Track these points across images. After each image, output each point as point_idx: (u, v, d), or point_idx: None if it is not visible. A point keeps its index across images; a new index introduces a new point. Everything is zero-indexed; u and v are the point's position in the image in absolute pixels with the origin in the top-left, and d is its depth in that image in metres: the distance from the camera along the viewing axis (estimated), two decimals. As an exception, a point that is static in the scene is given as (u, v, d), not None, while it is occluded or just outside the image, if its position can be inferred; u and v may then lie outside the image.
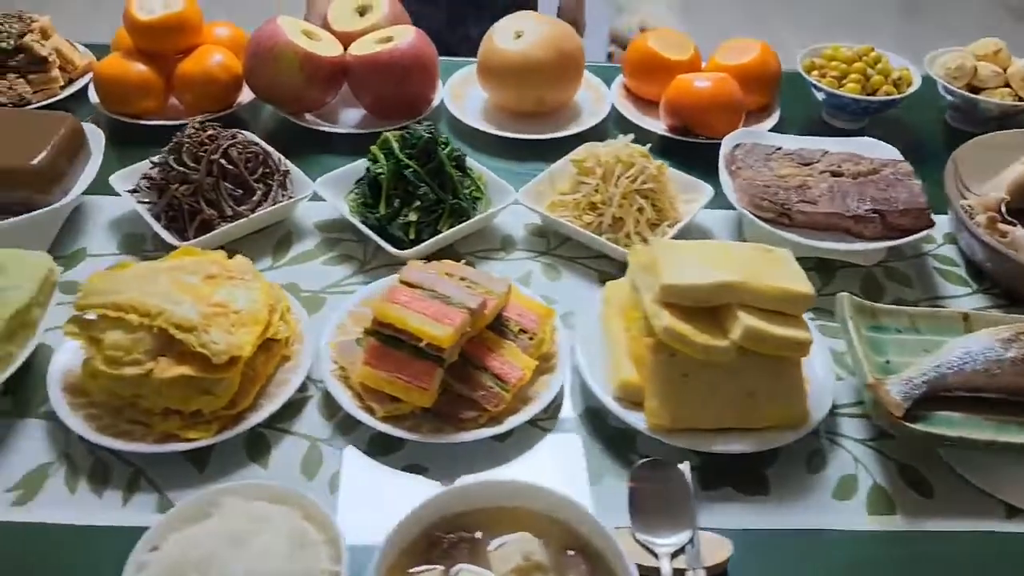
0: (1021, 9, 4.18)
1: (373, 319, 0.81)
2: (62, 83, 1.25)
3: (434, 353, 0.78)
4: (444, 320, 0.78)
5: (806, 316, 0.82)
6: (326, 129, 1.22)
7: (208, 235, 0.98)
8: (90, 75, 1.28)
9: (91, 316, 0.81)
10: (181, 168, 1.00)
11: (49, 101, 1.22)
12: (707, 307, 0.79)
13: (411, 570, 0.67)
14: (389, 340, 0.80)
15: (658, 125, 1.25)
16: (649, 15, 3.29)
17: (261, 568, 0.61)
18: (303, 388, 0.86)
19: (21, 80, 1.20)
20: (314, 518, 0.66)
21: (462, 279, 0.85)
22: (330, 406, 0.85)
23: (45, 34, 1.26)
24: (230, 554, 0.62)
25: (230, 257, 0.90)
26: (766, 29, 3.83)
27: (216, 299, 0.81)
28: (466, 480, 0.77)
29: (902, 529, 0.77)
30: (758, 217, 1.00)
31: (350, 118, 1.26)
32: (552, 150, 1.18)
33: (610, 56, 3.20)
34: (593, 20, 2.08)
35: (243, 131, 1.08)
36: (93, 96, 1.23)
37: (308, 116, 1.24)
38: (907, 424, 0.77)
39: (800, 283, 0.79)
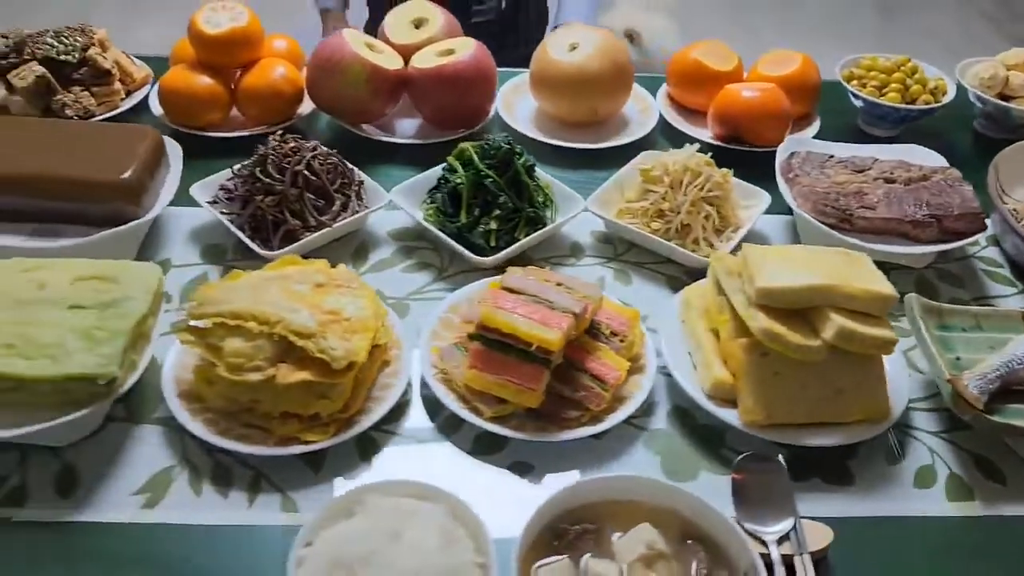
0: (994, 14, 4.31)
1: (478, 324, 0.85)
2: (123, 95, 1.27)
3: (542, 356, 0.82)
4: (552, 324, 0.82)
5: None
6: (386, 139, 1.25)
7: (293, 245, 1.01)
8: (147, 87, 1.31)
9: (203, 324, 0.84)
10: (267, 179, 1.02)
11: (112, 113, 1.24)
12: (797, 309, 0.84)
13: (540, 562, 0.71)
14: (495, 344, 0.84)
15: (704, 133, 1.30)
16: (638, 18, 3.33)
17: (418, 562, 0.65)
18: (404, 391, 0.89)
19: (86, 93, 1.22)
20: (457, 512, 0.70)
21: (559, 284, 0.89)
22: (432, 408, 0.89)
23: (103, 46, 1.28)
24: (388, 549, 0.66)
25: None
26: (751, 32, 3.91)
27: (327, 307, 0.85)
28: (585, 477, 0.81)
29: (981, 514, 0.83)
30: (821, 222, 1.05)
31: (406, 128, 1.30)
32: (603, 158, 1.24)
33: None
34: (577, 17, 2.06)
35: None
36: (155, 108, 1.25)
37: (365, 127, 1.27)
38: (987, 416, 0.82)
39: (884, 285, 0.85)
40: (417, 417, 0.89)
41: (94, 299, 0.83)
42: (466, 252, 1.02)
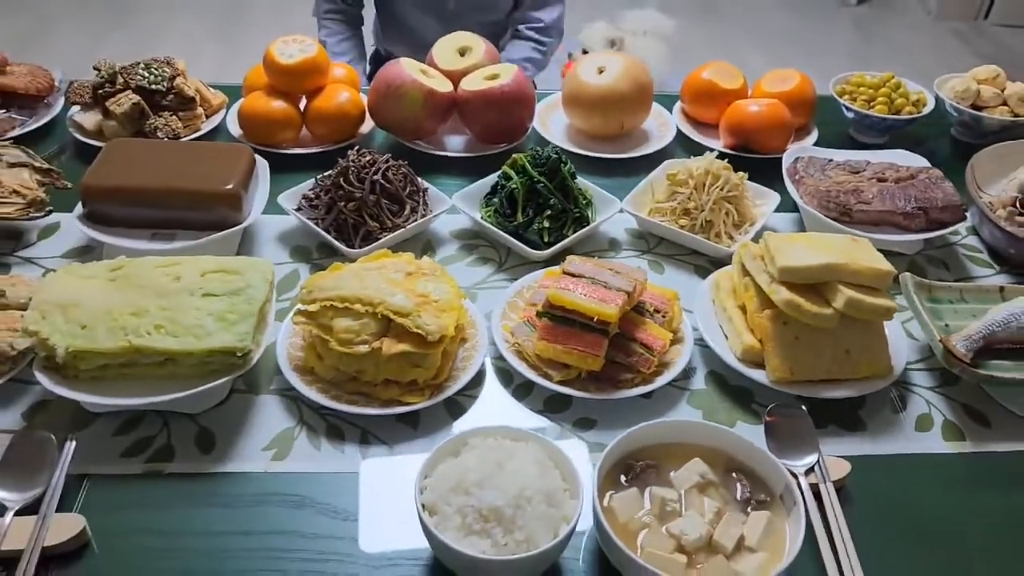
0: (964, 30, 4.51)
1: (546, 303, 1.00)
2: (203, 119, 1.43)
3: (602, 327, 0.97)
4: (609, 301, 0.98)
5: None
6: (438, 153, 1.41)
7: (372, 245, 1.16)
8: (223, 111, 1.46)
9: (312, 308, 0.99)
10: (348, 188, 1.18)
11: (195, 135, 1.40)
12: (812, 284, 1.00)
13: (612, 492, 0.86)
14: (560, 320, 0.99)
15: (715, 143, 1.46)
16: (624, 33, 3.48)
17: (520, 485, 0.79)
18: (481, 363, 1.04)
19: (174, 117, 1.37)
20: (546, 449, 0.85)
21: (610, 269, 1.05)
22: (505, 376, 1.04)
23: (184, 76, 1.44)
24: (495, 475, 0.80)
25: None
26: (730, 49, 4.09)
27: (419, 291, 0.99)
28: (647, 424, 0.94)
29: (971, 451, 0.98)
30: (825, 216, 1.21)
31: (454, 143, 1.45)
32: (628, 167, 1.40)
33: (569, 56, 3.40)
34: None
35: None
36: (233, 129, 1.41)
37: (419, 142, 1.43)
38: (973, 368, 0.98)
39: (884, 264, 1.01)
40: (493, 384, 1.04)
41: (223, 288, 0.98)
42: (523, 247, 1.18)
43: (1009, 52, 4.25)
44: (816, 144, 1.45)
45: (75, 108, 1.40)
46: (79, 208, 1.15)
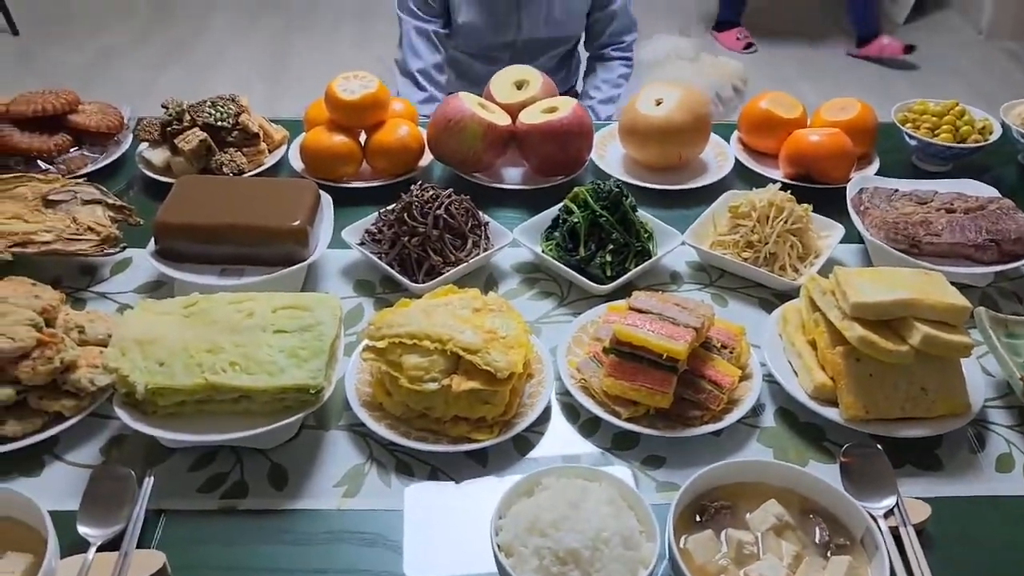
0: (1018, 51, 4.41)
1: (613, 339, 0.99)
2: (266, 154, 1.45)
3: (670, 364, 0.97)
4: (678, 337, 0.97)
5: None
6: (496, 186, 1.42)
7: (436, 279, 1.17)
8: (285, 146, 1.49)
9: (380, 344, 1.00)
10: (412, 223, 1.19)
11: (259, 169, 1.42)
12: (886, 320, 0.98)
13: (686, 535, 0.85)
14: (627, 356, 0.99)
15: (775, 173, 1.45)
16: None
17: (597, 526, 0.79)
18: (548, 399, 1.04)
19: (239, 153, 1.40)
20: (620, 490, 0.84)
21: (676, 304, 1.04)
22: (571, 413, 1.04)
23: (247, 112, 1.47)
24: (571, 515, 0.80)
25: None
26: (776, 74, 4.06)
27: (487, 327, 1.00)
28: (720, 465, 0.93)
29: (1055, 493, 0.95)
30: (894, 248, 1.19)
31: (512, 175, 1.46)
32: (687, 198, 1.39)
33: None
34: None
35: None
36: (296, 163, 1.43)
37: (477, 175, 1.44)
38: (1056, 408, 0.95)
39: (959, 298, 0.99)
40: (559, 420, 1.03)
41: (294, 324, 0.99)
42: (586, 281, 1.17)
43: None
44: (879, 173, 1.43)
45: (143, 145, 1.44)
46: (151, 244, 1.18)
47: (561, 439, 1.01)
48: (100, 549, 0.84)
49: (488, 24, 1.99)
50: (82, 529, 0.86)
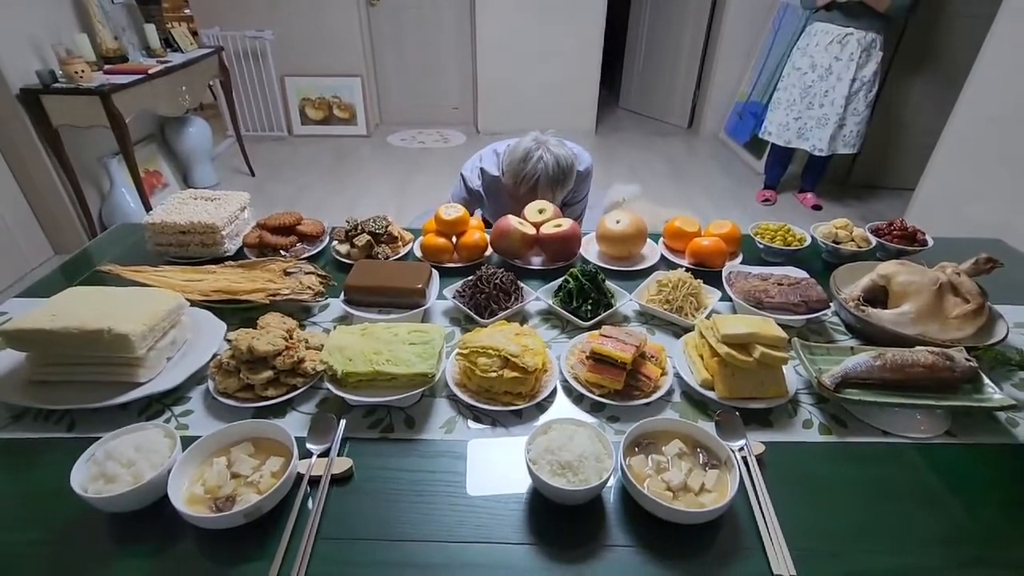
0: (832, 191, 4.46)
1: (591, 351, 1.11)
2: (400, 249, 1.61)
3: (622, 365, 1.09)
4: (626, 350, 1.09)
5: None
6: (528, 267, 1.55)
7: (494, 317, 1.30)
8: (411, 243, 1.64)
9: (465, 352, 1.13)
10: (482, 286, 1.33)
11: (396, 256, 1.56)
12: (742, 343, 1.10)
13: (630, 457, 0.96)
14: (599, 360, 1.11)
15: (683, 262, 1.56)
16: (624, 190, 3.60)
17: (582, 449, 0.90)
18: (554, 384, 1.15)
19: (386, 247, 1.56)
20: (594, 432, 0.96)
21: (626, 333, 1.16)
22: (569, 391, 1.14)
23: (392, 224, 1.63)
24: (568, 443, 0.91)
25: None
26: (689, 199, 4.14)
27: (522, 343, 1.13)
28: (648, 419, 1.03)
29: (835, 441, 1.04)
30: (748, 304, 1.31)
31: (536, 262, 1.60)
32: (634, 275, 1.50)
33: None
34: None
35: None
36: (418, 252, 1.58)
37: (517, 261, 1.58)
38: (836, 394, 1.05)
39: (782, 332, 1.09)
40: (561, 396, 1.14)
41: (419, 340, 1.13)
42: (577, 320, 1.30)
43: (858, 209, 4.23)
44: (743, 263, 1.55)
45: (335, 242, 1.60)
46: (342, 295, 1.32)
47: (563, 405, 1.12)
48: (319, 456, 0.97)
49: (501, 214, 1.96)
50: (308, 445, 0.99)
